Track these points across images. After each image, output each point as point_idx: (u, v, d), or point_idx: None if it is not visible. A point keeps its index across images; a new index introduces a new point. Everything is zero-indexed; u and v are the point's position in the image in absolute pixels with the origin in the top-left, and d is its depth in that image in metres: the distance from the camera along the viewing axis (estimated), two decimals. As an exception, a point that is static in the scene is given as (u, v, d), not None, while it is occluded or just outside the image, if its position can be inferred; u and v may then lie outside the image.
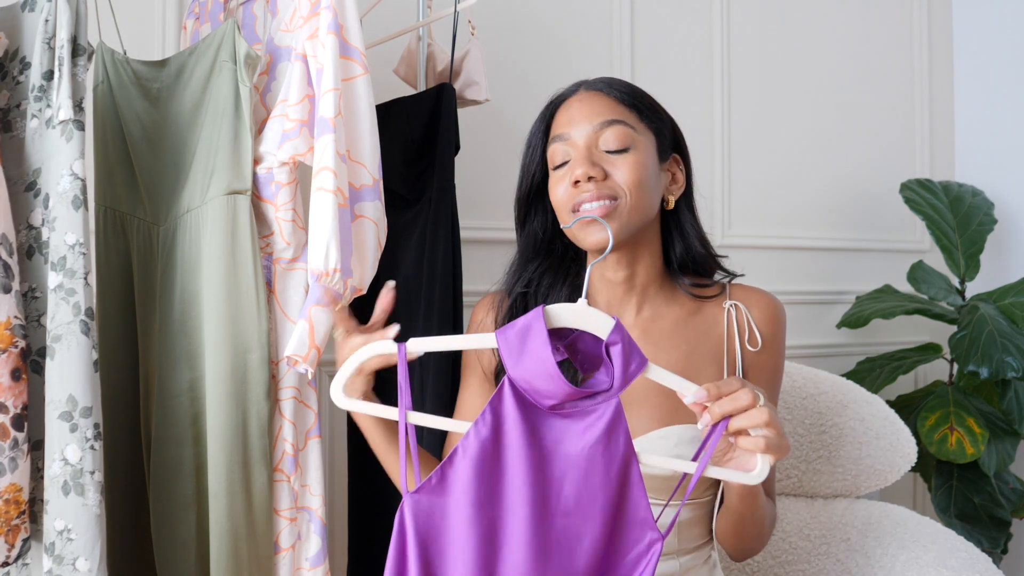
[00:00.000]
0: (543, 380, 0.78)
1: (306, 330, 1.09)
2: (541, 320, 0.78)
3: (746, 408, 0.80)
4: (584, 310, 0.80)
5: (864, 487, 1.53)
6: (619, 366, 0.79)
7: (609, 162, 1.00)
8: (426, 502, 0.78)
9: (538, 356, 0.77)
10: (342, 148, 1.11)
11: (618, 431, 0.79)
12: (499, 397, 0.79)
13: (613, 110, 1.02)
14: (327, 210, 1.08)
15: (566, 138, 1.02)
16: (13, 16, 1.18)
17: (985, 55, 2.55)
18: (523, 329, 0.78)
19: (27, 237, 1.15)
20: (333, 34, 1.11)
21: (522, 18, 2.00)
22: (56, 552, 1.04)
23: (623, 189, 1.00)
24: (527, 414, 0.79)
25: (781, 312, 1.11)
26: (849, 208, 2.45)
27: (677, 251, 1.09)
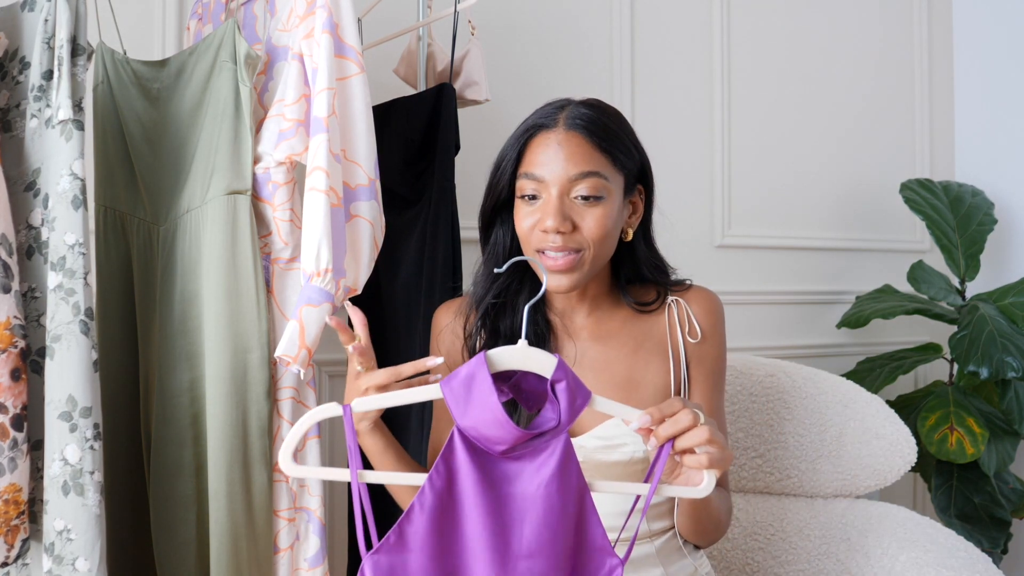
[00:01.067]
0: (492, 427, 0.78)
1: (296, 330, 1.09)
2: (484, 367, 0.79)
3: (688, 428, 0.84)
4: (526, 351, 0.82)
5: (864, 487, 1.53)
6: (565, 402, 0.80)
7: (578, 213, 1.02)
8: (386, 561, 0.78)
9: (485, 404, 0.78)
10: (336, 147, 1.11)
11: (570, 466, 0.81)
12: (450, 448, 0.80)
13: (590, 159, 1.03)
14: (319, 210, 1.08)
15: (539, 179, 1.03)
16: (13, 16, 1.18)
17: (985, 55, 2.55)
18: (467, 378, 0.79)
19: (27, 237, 1.15)
20: (328, 33, 1.11)
21: (522, 18, 2.00)
22: (56, 552, 1.04)
23: (588, 241, 1.03)
24: (479, 461, 0.80)
25: (718, 305, 1.16)
26: (849, 208, 2.45)
27: (625, 273, 1.14)
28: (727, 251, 2.27)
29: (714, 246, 2.25)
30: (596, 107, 1.06)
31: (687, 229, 2.20)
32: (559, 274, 1.03)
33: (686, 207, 2.21)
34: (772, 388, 1.57)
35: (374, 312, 1.52)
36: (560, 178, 1.01)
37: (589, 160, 1.02)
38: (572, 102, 1.07)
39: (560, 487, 0.80)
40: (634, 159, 1.09)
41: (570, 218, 1.01)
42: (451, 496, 0.80)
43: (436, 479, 0.79)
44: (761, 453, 1.55)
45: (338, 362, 1.70)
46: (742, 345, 2.22)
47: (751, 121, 2.30)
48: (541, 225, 1.02)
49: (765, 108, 2.32)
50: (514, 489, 0.80)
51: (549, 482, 0.80)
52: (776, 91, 2.34)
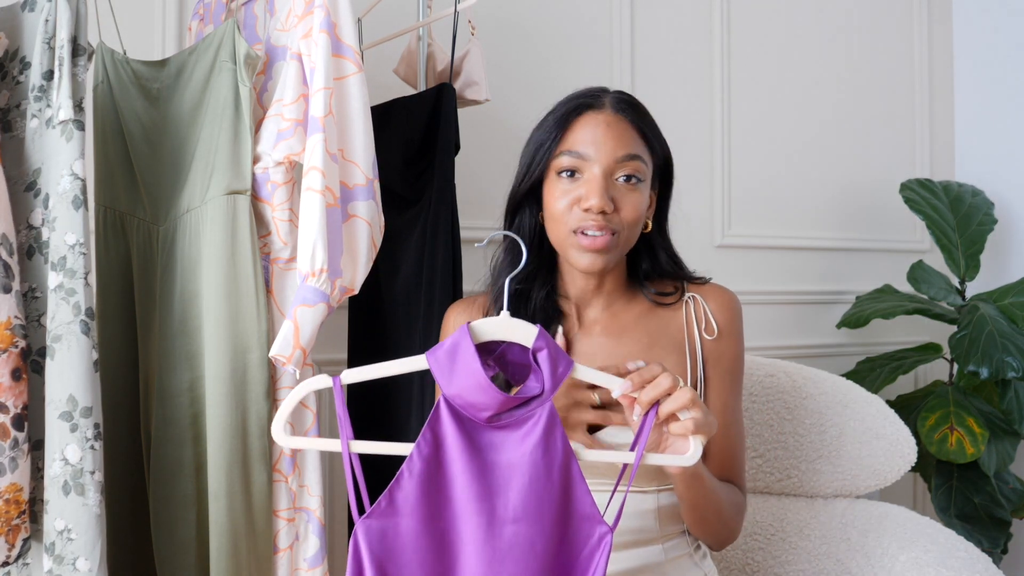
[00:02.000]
0: (476, 393, 0.81)
1: (291, 330, 1.09)
2: (467, 337, 0.82)
3: (668, 391, 0.85)
4: (506, 322, 0.84)
5: (864, 487, 1.53)
6: (547, 370, 0.83)
7: (619, 193, 1.04)
8: (377, 525, 0.81)
9: (468, 370, 0.81)
10: (333, 147, 1.11)
11: (554, 433, 0.83)
12: (436, 416, 0.83)
13: (635, 143, 1.05)
14: (314, 210, 1.08)
15: (585, 157, 1.03)
16: (13, 16, 1.18)
17: (985, 55, 2.55)
18: (451, 347, 0.82)
19: (27, 237, 1.15)
20: (325, 33, 1.11)
21: (522, 18, 2.00)
22: (56, 552, 1.04)
23: (624, 224, 1.04)
24: (465, 430, 0.83)
25: (736, 303, 1.16)
26: (849, 208, 2.46)
27: (644, 267, 1.15)
28: (727, 251, 2.27)
29: (714, 246, 2.25)
30: (634, 98, 1.10)
31: (687, 229, 2.20)
32: (595, 253, 1.03)
33: (686, 207, 2.20)
34: (772, 388, 1.57)
35: (374, 312, 1.52)
36: (608, 158, 1.02)
37: (634, 143, 1.05)
38: (609, 89, 1.09)
39: (545, 454, 0.82)
40: (664, 150, 1.11)
41: (613, 198, 1.02)
42: (438, 462, 0.82)
43: (423, 446, 0.82)
44: (761, 453, 1.55)
45: (338, 362, 1.70)
46: (742, 345, 2.22)
47: (751, 121, 2.30)
48: (584, 203, 1.02)
49: (765, 108, 2.32)
50: (500, 457, 0.83)
51: (534, 449, 0.82)
52: (776, 91, 2.34)
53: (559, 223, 1.05)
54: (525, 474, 0.82)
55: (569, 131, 1.05)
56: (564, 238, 1.05)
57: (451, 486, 0.82)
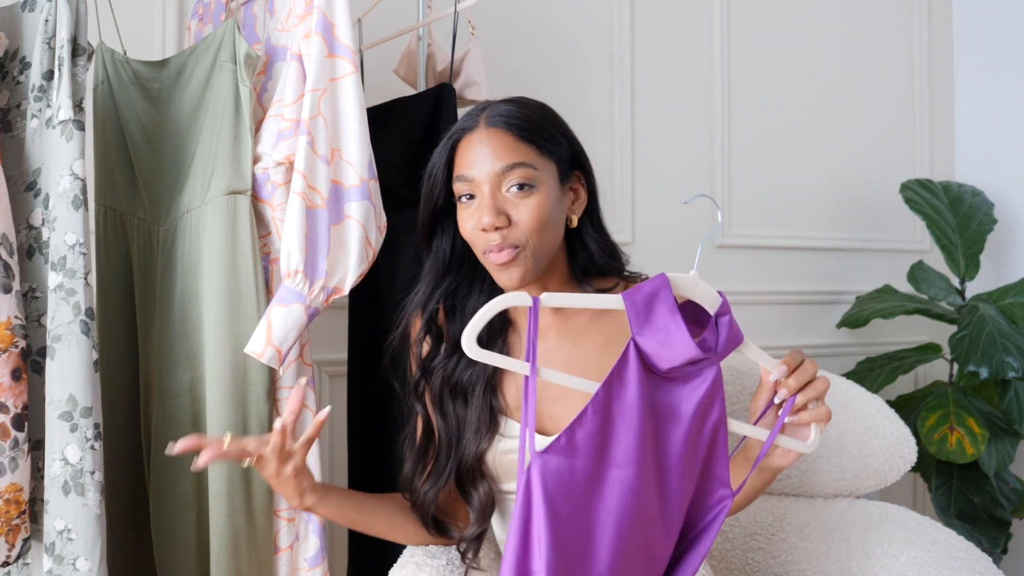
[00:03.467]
0: (672, 346, 0.84)
1: (264, 328, 1.10)
2: (668, 286, 0.84)
3: (811, 379, 0.90)
4: (698, 281, 0.87)
5: (864, 487, 1.53)
6: (725, 335, 0.86)
7: (512, 205, 1.03)
8: (554, 462, 0.82)
9: (670, 322, 0.84)
10: (322, 149, 1.12)
11: (717, 394, 0.88)
12: (625, 360, 0.85)
13: (514, 151, 1.03)
14: (293, 212, 1.10)
15: (469, 179, 1.04)
16: (13, 16, 1.18)
17: (985, 55, 2.55)
18: (650, 294, 0.84)
19: (27, 237, 1.15)
20: (319, 35, 1.11)
21: (522, 18, 2.00)
22: (56, 552, 1.04)
23: (525, 235, 1.03)
24: (645, 377, 0.85)
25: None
26: (849, 208, 2.45)
27: (580, 262, 1.13)
28: (727, 251, 2.27)
29: (714, 246, 2.25)
30: (516, 102, 1.08)
31: (687, 229, 2.20)
32: (503, 269, 1.03)
33: (686, 207, 2.21)
34: (772, 388, 1.57)
35: (374, 312, 1.52)
36: (488, 174, 1.02)
37: (513, 152, 1.03)
38: (492, 102, 1.08)
39: (705, 413, 0.87)
40: (562, 145, 1.08)
41: (504, 212, 1.02)
42: (620, 405, 0.84)
43: (609, 386, 0.84)
44: (761, 453, 1.55)
45: (338, 362, 1.70)
46: (742, 345, 2.22)
47: (751, 121, 2.30)
48: (479, 224, 1.02)
49: (765, 108, 2.32)
50: (671, 408, 0.87)
51: (697, 406, 0.86)
52: (776, 91, 2.34)
53: (475, 247, 1.06)
54: (688, 427, 0.86)
55: (455, 157, 1.07)
56: (484, 261, 1.06)
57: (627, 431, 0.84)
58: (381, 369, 1.19)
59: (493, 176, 1.02)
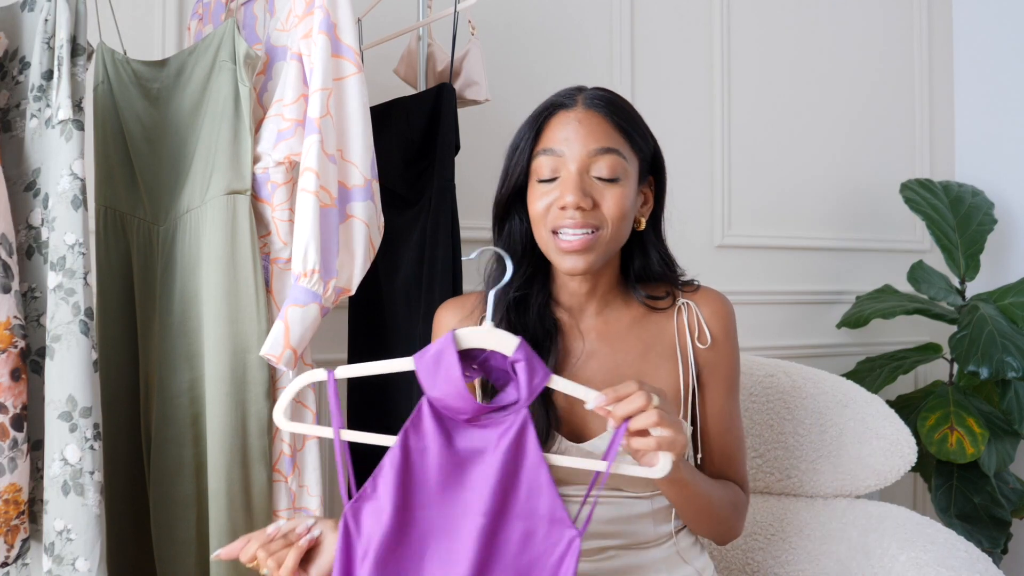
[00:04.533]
0: (455, 399, 0.86)
1: (281, 330, 1.09)
2: (452, 345, 0.87)
3: (640, 409, 0.86)
4: (489, 332, 0.88)
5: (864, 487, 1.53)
6: (524, 380, 0.87)
7: (598, 190, 1.01)
8: (363, 509, 0.88)
9: (449, 377, 0.86)
10: (330, 148, 1.11)
11: (526, 438, 0.87)
12: (418, 415, 0.88)
13: (609, 136, 1.02)
14: (308, 211, 1.09)
15: (558, 154, 1.02)
16: (13, 16, 1.18)
17: (985, 55, 2.55)
18: (436, 353, 0.87)
19: (27, 237, 1.15)
20: (324, 33, 1.11)
21: (522, 18, 2.00)
22: (56, 552, 1.04)
23: (607, 220, 1.02)
24: (444, 427, 0.88)
25: (729, 309, 1.14)
26: (849, 208, 2.45)
27: (636, 266, 1.13)
28: (727, 251, 2.27)
29: (714, 246, 2.25)
30: (612, 92, 1.07)
31: (687, 229, 2.20)
32: (574, 254, 1.01)
33: (686, 207, 2.21)
34: (772, 388, 1.57)
35: (374, 312, 1.52)
36: (580, 154, 1.01)
37: (609, 137, 1.02)
38: (587, 87, 1.07)
39: (516, 455, 0.87)
40: (649, 145, 1.08)
41: (590, 195, 1.00)
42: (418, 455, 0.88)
43: (404, 440, 0.88)
44: (761, 453, 1.55)
45: (338, 362, 1.70)
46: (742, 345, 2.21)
47: (751, 121, 2.30)
48: (560, 202, 1.00)
49: (765, 108, 2.32)
50: (475, 452, 0.88)
51: (507, 450, 0.86)
52: (776, 91, 2.34)
53: (539, 226, 1.04)
54: (497, 471, 0.86)
55: (543, 132, 1.04)
56: (546, 241, 1.04)
57: (428, 477, 0.87)
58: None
59: (585, 156, 1.01)
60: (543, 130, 1.04)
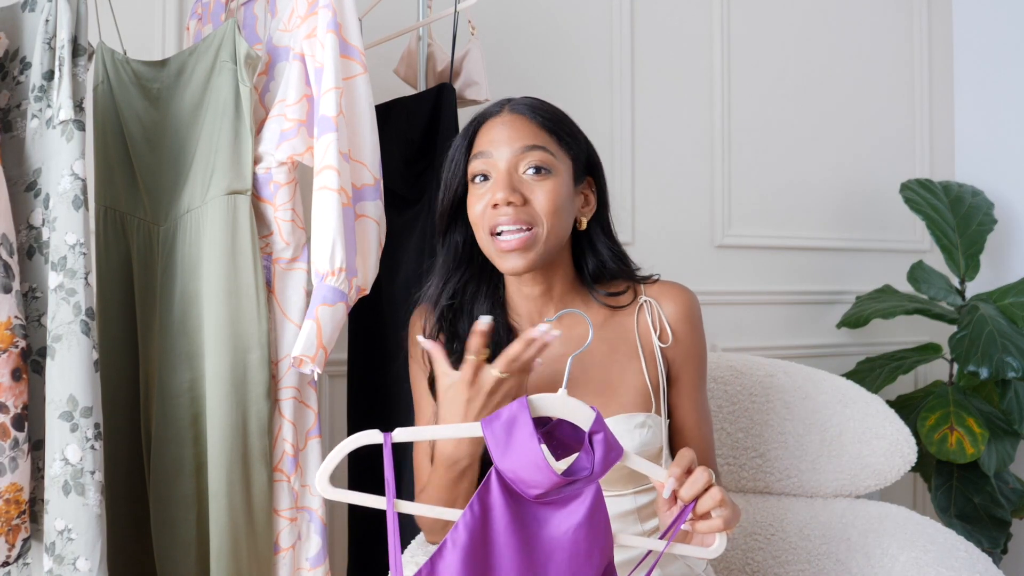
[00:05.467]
0: (531, 471, 0.80)
1: (314, 330, 1.09)
2: (526, 411, 0.81)
3: (705, 488, 0.86)
4: (567, 400, 0.84)
5: (864, 487, 1.53)
6: (600, 453, 0.82)
7: (528, 187, 1.03)
8: None
9: (525, 448, 0.80)
10: (344, 147, 1.11)
11: (598, 514, 0.83)
12: (487, 488, 0.82)
13: (535, 135, 1.05)
14: (331, 209, 1.08)
15: (488, 156, 1.04)
16: (13, 16, 1.18)
17: (985, 55, 2.55)
18: (508, 421, 0.81)
19: (27, 237, 1.15)
20: (333, 33, 1.11)
21: (522, 18, 2.00)
22: (56, 552, 1.04)
23: (540, 217, 1.03)
24: (512, 503, 0.82)
25: (691, 302, 1.14)
26: (849, 208, 2.46)
27: (590, 266, 1.13)
28: (727, 251, 2.27)
29: (714, 246, 2.25)
30: (539, 100, 1.10)
31: (687, 229, 2.20)
32: (513, 253, 1.02)
33: (686, 207, 2.21)
34: (772, 388, 1.57)
35: (374, 312, 1.52)
36: (506, 152, 1.03)
37: (535, 135, 1.05)
38: (515, 98, 1.10)
39: (587, 534, 0.82)
40: (580, 145, 1.10)
41: (519, 191, 1.02)
42: (484, 534, 0.81)
43: (470, 516, 0.81)
44: (761, 453, 1.55)
45: (338, 362, 1.70)
46: (742, 345, 2.22)
47: (751, 121, 2.30)
48: (492, 199, 1.02)
49: (765, 108, 2.32)
50: (544, 532, 0.82)
51: (577, 528, 0.82)
52: (776, 91, 2.34)
53: (479, 229, 1.05)
54: (566, 551, 0.82)
55: (475, 139, 1.08)
56: (487, 244, 1.05)
57: (494, 559, 0.81)
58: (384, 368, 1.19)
59: (512, 155, 1.04)
60: (475, 138, 1.08)
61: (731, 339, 2.24)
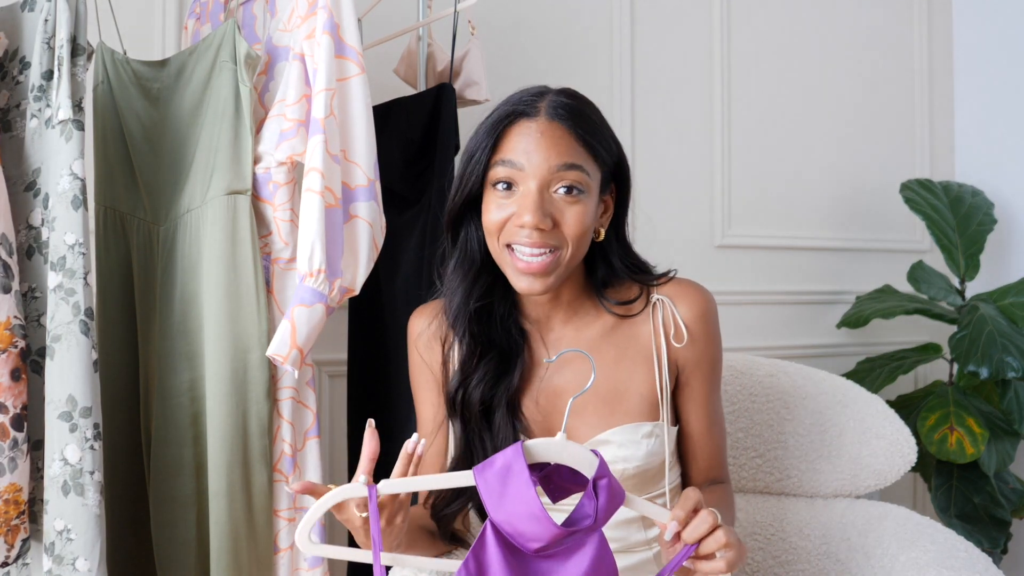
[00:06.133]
0: (528, 522, 0.75)
1: (288, 330, 1.09)
2: (522, 459, 0.75)
3: (710, 530, 0.82)
4: (567, 445, 0.78)
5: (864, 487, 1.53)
6: (604, 500, 0.77)
7: (558, 208, 0.96)
8: None
9: (522, 498, 0.74)
10: (334, 148, 1.11)
11: (604, 564, 0.78)
12: (481, 543, 0.76)
13: (572, 151, 0.96)
14: (313, 211, 1.08)
15: (517, 166, 0.96)
16: (13, 16, 1.18)
17: (985, 55, 2.55)
18: (503, 468, 0.75)
19: (27, 237, 1.15)
20: (328, 34, 1.11)
21: (522, 18, 2.00)
22: (56, 552, 1.04)
23: (567, 240, 0.96)
24: (511, 559, 0.76)
25: (707, 302, 1.08)
26: (849, 208, 2.45)
27: (600, 275, 1.07)
28: (727, 251, 2.27)
29: (714, 246, 2.25)
30: (577, 97, 1.00)
31: (687, 229, 2.20)
32: (531, 276, 0.96)
33: (686, 207, 2.21)
34: (772, 388, 1.57)
35: (374, 312, 1.52)
36: (541, 169, 0.95)
37: (572, 152, 0.96)
38: (550, 90, 1.00)
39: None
40: (612, 154, 1.02)
41: (550, 214, 0.95)
42: None
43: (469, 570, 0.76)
44: (761, 453, 1.55)
45: (338, 362, 1.69)
46: (742, 345, 2.22)
47: (751, 121, 2.30)
48: (518, 220, 0.95)
49: (765, 108, 2.32)
50: None
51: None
52: (776, 91, 2.34)
53: (492, 237, 0.98)
54: None
55: (502, 141, 0.97)
56: (499, 254, 0.98)
57: None
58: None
59: (547, 172, 0.95)
60: (502, 138, 0.97)
61: (731, 339, 2.22)
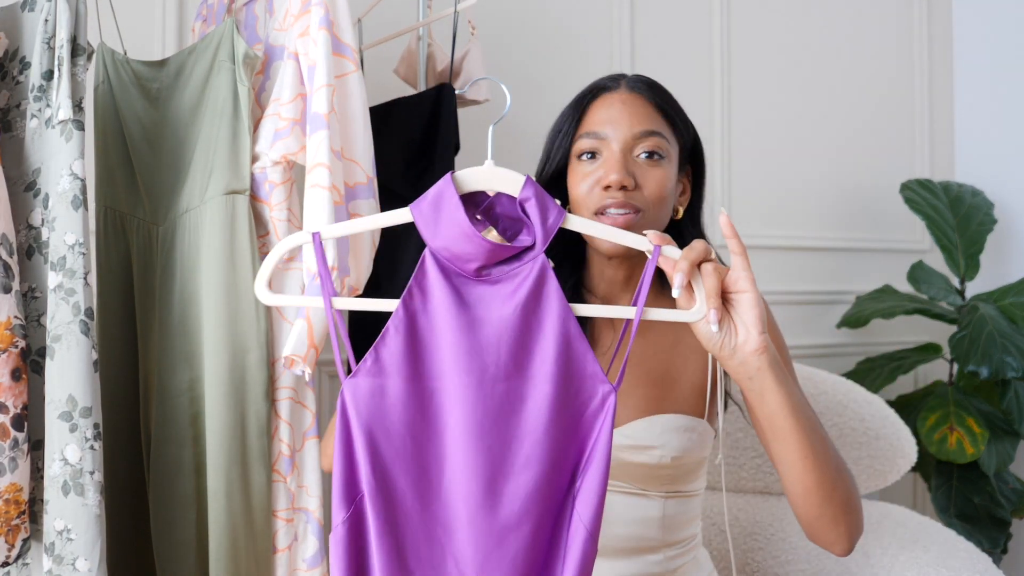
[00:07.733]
0: (462, 243, 0.77)
1: (305, 329, 1.09)
2: (451, 186, 0.79)
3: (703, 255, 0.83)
4: (492, 170, 0.80)
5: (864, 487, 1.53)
6: (537, 220, 0.78)
7: (640, 171, 1.02)
8: (365, 384, 0.78)
9: (452, 219, 0.77)
10: (336, 145, 1.11)
11: (546, 288, 0.78)
12: (422, 270, 0.79)
13: (652, 119, 1.03)
14: (322, 207, 1.08)
15: (602, 136, 1.02)
16: (13, 16, 1.18)
17: (985, 55, 2.55)
18: (435, 197, 0.79)
19: (27, 237, 1.15)
20: (325, 30, 1.11)
21: (522, 18, 2.00)
22: (56, 552, 1.04)
23: (648, 202, 1.01)
24: (452, 284, 0.79)
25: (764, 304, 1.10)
26: (849, 208, 2.46)
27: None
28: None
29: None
30: (651, 78, 1.09)
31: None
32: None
33: (686, 207, 2.21)
34: (772, 388, 1.57)
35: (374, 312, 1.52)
36: (624, 135, 1.01)
37: (652, 119, 1.03)
38: (628, 74, 1.09)
39: (536, 310, 0.78)
40: (690, 132, 1.09)
41: (633, 174, 1.00)
42: (426, 317, 0.79)
43: (409, 300, 0.79)
44: (761, 453, 1.55)
45: (338, 362, 1.70)
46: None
47: (751, 121, 2.30)
48: (604, 181, 1.00)
49: (765, 108, 2.32)
50: (490, 312, 0.78)
51: (525, 303, 0.78)
52: (776, 91, 2.34)
53: (581, 207, 1.03)
54: (516, 329, 0.77)
55: (586, 114, 1.05)
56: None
57: (439, 342, 0.78)
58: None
59: (629, 138, 1.01)
60: (586, 112, 1.05)
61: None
